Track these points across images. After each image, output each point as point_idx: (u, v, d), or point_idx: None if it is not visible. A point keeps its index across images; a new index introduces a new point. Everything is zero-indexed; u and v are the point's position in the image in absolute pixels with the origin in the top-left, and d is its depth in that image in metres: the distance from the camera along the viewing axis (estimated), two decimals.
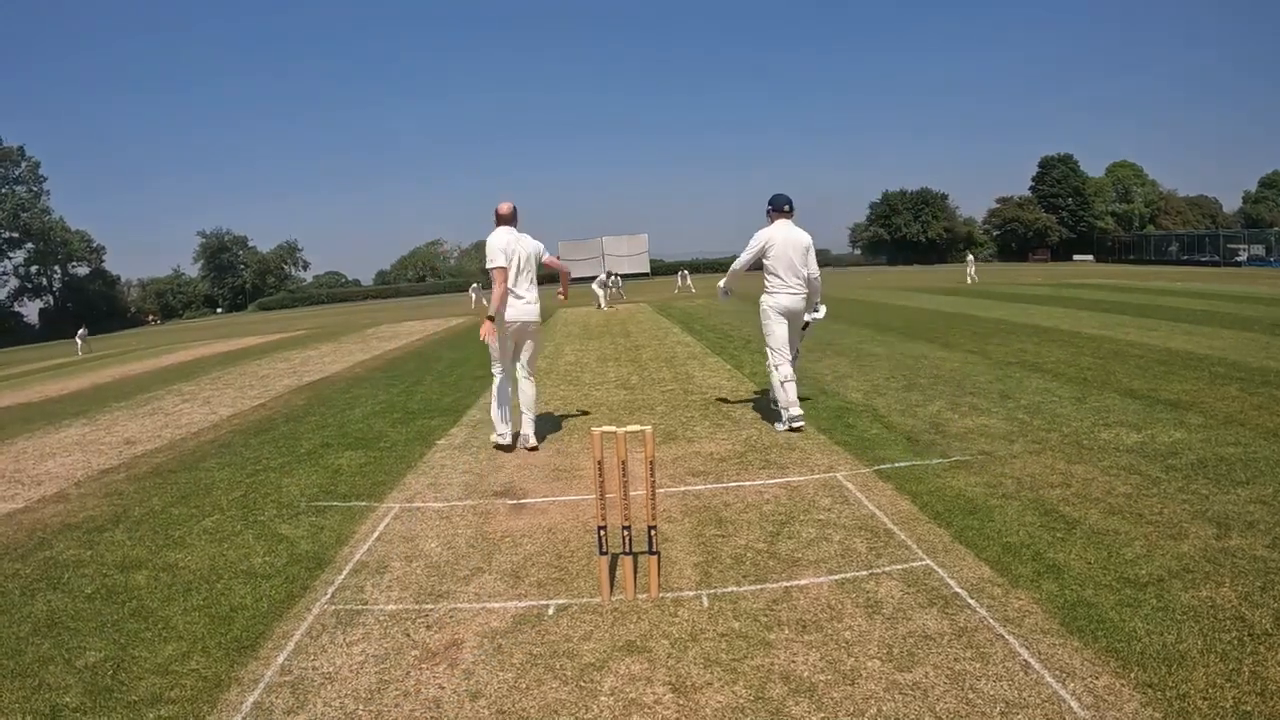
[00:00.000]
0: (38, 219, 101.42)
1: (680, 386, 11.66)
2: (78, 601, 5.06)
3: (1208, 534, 5.03)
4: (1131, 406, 8.74)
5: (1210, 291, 29.22)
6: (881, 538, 5.28)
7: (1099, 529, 5.21)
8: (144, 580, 5.32)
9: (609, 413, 9.96)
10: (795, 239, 8.64)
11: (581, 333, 22.10)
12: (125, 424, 12.20)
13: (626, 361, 15.04)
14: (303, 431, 10.09)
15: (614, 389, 11.84)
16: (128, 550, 5.98)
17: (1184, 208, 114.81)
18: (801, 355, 9.34)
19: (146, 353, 33.63)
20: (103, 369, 25.98)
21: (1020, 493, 6.02)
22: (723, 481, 6.76)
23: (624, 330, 22.01)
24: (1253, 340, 14.01)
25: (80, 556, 5.93)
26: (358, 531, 6.00)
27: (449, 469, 7.74)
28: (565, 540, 5.55)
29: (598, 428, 4.54)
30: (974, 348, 14.40)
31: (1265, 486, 5.89)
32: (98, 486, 8.17)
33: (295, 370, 18.36)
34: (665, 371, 13.35)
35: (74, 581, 5.42)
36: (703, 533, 5.54)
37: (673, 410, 9.90)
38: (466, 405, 11.19)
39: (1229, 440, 7.23)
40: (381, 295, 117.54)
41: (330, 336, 30.24)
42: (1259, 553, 4.70)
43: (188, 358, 26.78)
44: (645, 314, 28.75)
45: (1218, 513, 5.39)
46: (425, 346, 21.80)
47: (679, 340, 18.51)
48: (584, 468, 7.29)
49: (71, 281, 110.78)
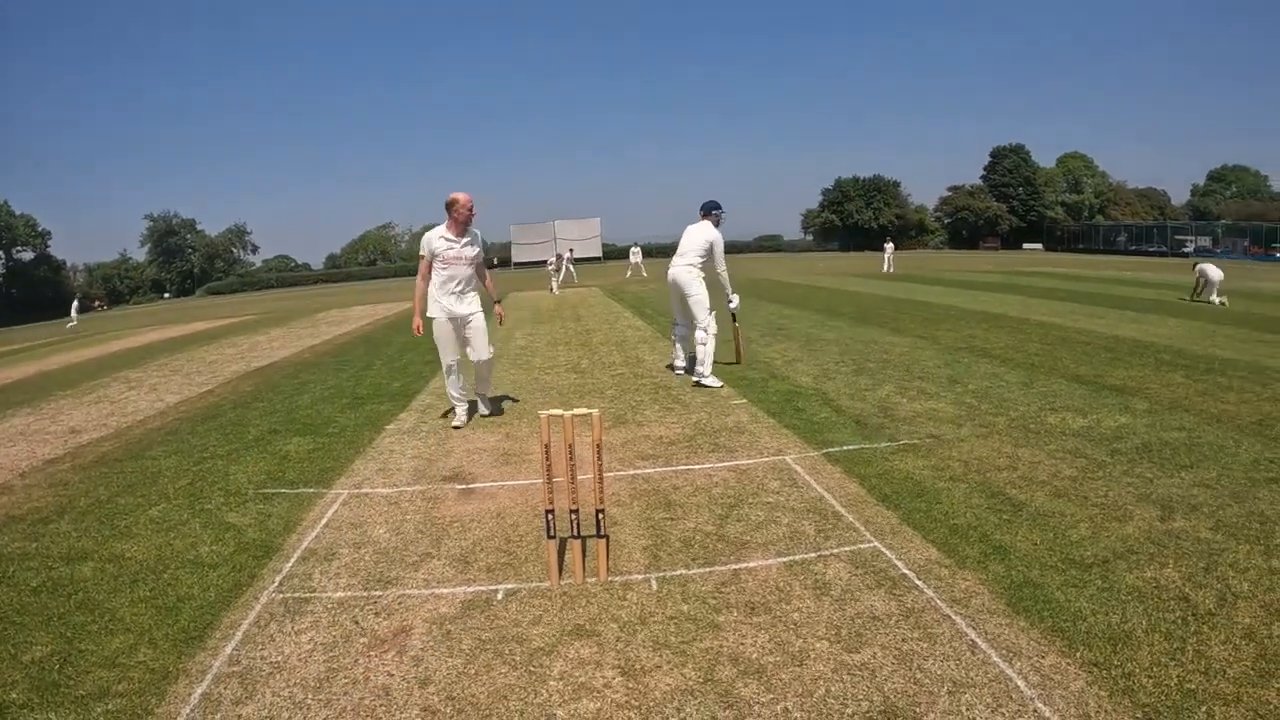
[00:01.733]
0: None
1: (630, 370, 11.69)
2: (23, 595, 4.98)
3: (1152, 516, 5.15)
4: (1078, 392, 8.89)
5: (1157, 281, 29.69)
6: (830, 520, 5.34)
7: (1045, 511, 5.31)
8: (90, 572, 5.25)
9: (559, 396, 9.97)
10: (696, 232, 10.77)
11: (532, 317, 22.04)
12: (70, 412, 12.00)
13: (577, 345, 15.03)
14: (250, 418, 9.98)
15: (564, 373, 11.84)
16: (73, 542, 5.89)
17: (1133, 199, 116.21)
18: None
19: (93, 339, 33.12)
20: (49, 356, 25.56)
21: (968, 475, 6.11)
22: (672, 465, 6.79)
23: (575, 314, 21.98)
24: (1198, 329, 14.31)
25: (25, 549, 5.84)
26: (305, 518, 5.96)
27: (398, 454, 7.70)
28: (514, 525, 5.55)
29: (545, 411, 4.54)
30: (924, 333, 14.57)
31: (1208, 470, 6.03)
32: (42, 477, 8.04)
33: (244, 356, 18.11)
34: (615, 355, 13.37)
35: (19, 575, 5.33)
36: (651, 516, 5.57)
37: (622, 394, 9.92)
38: (416, 390, 11.13)
39: (1173, 425, 7.39)
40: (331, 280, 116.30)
41: (279, 321, 29.90)
42: (1202, 534, 4.82)
43: (134, 344, 26.39)
44: (596, 298, 28.74)
45: (1162, 495, 5.52)
46: (375, 331, 21.62)
47: (630, 324, 18.54)
48: (533, 452, 7.29)
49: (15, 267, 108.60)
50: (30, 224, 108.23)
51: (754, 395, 9.27)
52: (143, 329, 36.19)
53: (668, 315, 19.89)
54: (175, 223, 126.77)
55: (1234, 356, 11.01)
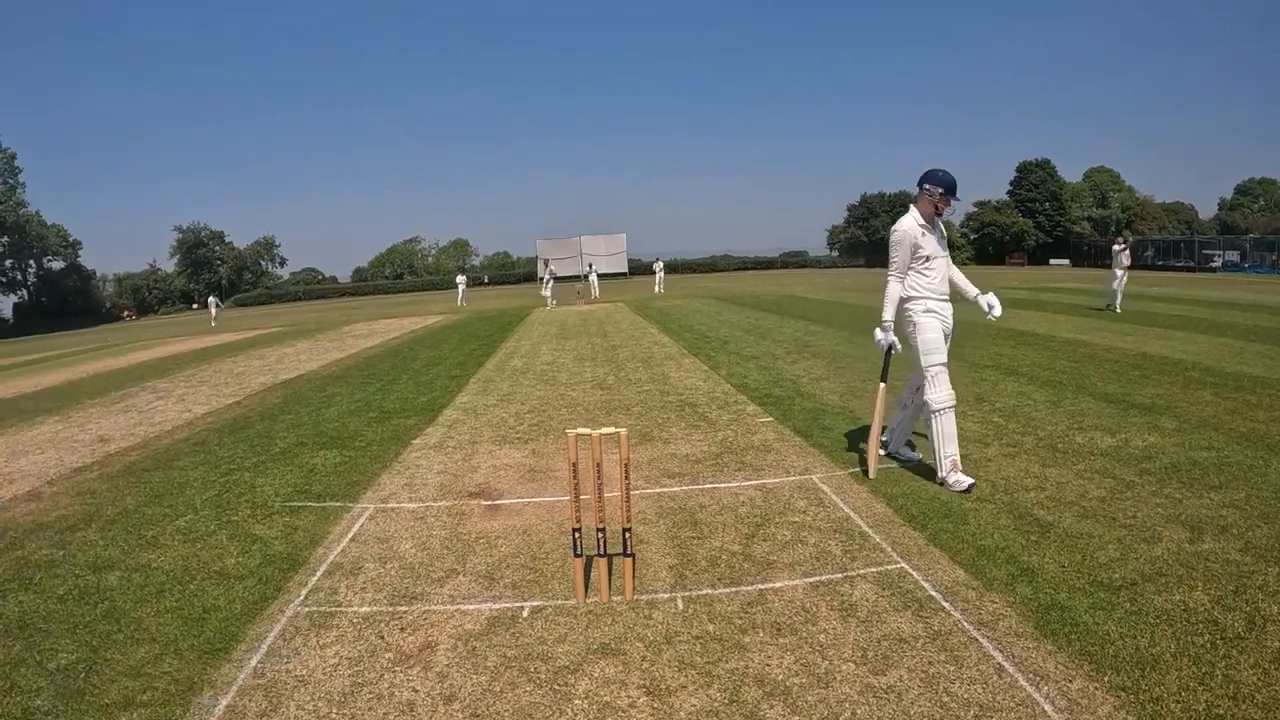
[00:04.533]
0: (13, 212, 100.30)
1: (656, 387, 11.65)
2: (49, 603, 5.03)
3: (1181, 538, 5.09)
4: (1106, 410, 8.80)
5: (1185, 296, 29.45)
6: (857, 540, 5.31)
7: (1073, 532, 5.25)
8: (116, 581, 5.29)
9: (585, 413, 9.95)
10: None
11: (559, 332, 22.06)
12: (99, 421, 12.11)
13: (603, 361, 15.02)
14: (277, 430, 10.04)
15: (590, 389, 11.83)
16: (100, 550, 5.94)
17: (1160, 214, 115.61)
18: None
19: (121, 348, 33.37)
20: (77, 365, 25.77)
21: (995, 496, 6.06)
22: (698, 483, 6.77)
23: (601, 330, 21.97)
24: (1226, 345, 14.13)
25: (52, 556, 5.89)
26: (332, 532, 5.98)
27: (424, 469, 7.71)
28: (540, 542, 5.54)
29: (573, 429, 4.54)
30: (950, 350, 14.32)
31: (1238, 490, 5.96)
32: (71, 485, 8.11)
33: (271, 368, 18.24)
34: (642, 372, 13.34)
35: (46, 582, 5.39)
36: (678, 535, 5.55)
37: (648, 411, 9.88)
38: (442, 405, 11.15)
39: (1202, 444, 7.30)
40: (358, 293, 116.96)
41: (306, 334, 30.05)
42: (1232, 556, 4.75)
43: (163, 354, 26.58)
44: (623, 314, 28.72)
45: (1191, 516, 5.45)
46: (402, 345, 21.68)
47: (656, 340, 18.51)
48: (559, 468, 7.30)
49: (47, 275, 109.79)
50: (61, 234, 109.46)
51: (780, 413, 9.22)
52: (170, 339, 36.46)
53: (694, 331, 20.09)
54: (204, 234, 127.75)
55: (1264, 374, 10.88)
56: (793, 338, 17.56)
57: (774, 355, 14.40)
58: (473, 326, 26.96)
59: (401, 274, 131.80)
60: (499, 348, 18.91)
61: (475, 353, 18.06)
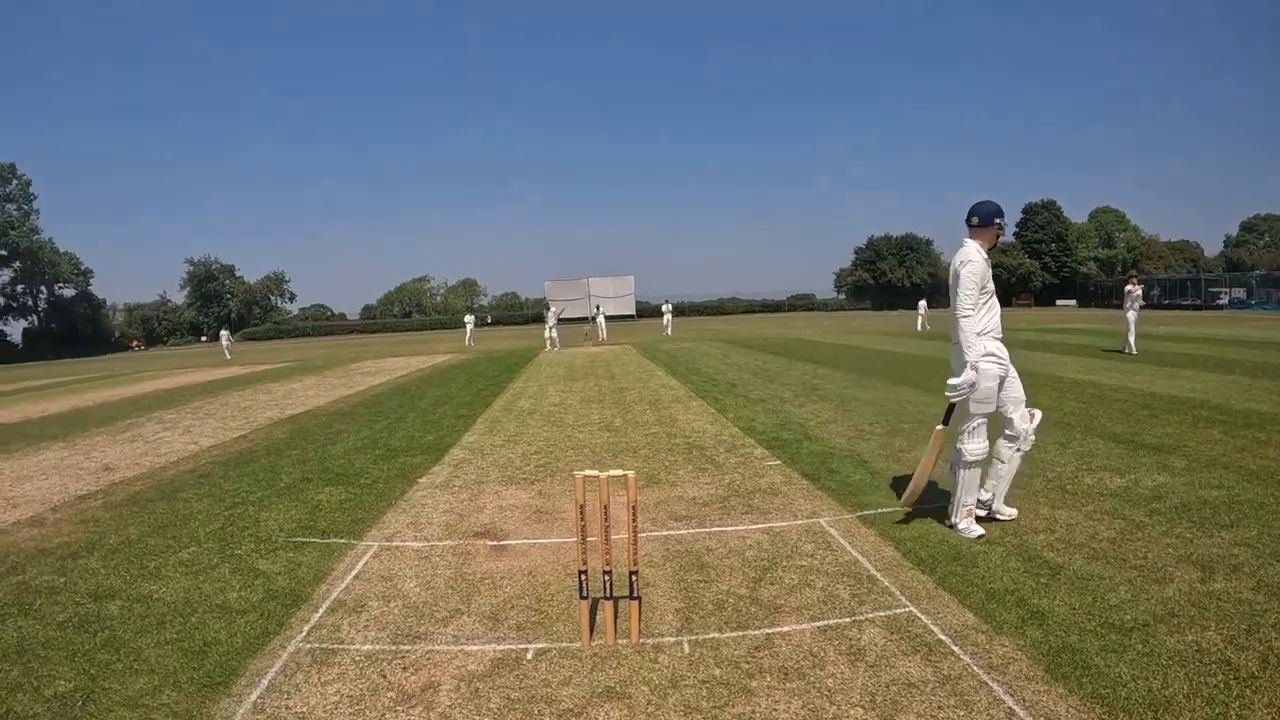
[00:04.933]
0: (26, 238, 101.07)
1: (664, 430, 11.60)
2: (49, 629, 5.01)
3: (1192, 577, 5.07)
4: (1115, 451, 8.78)
5: (1192, 335, 29.49)
6: (865, 584, 5.26)
7: (1083, 574, 5.22)
8: (117, 610, 5.26)
9: (592, 455, 9.90)
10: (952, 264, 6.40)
11: (566, 374, 22.04)
12: (104, 449, 12.12)
13: (610, 404, 14.98)
14: (283, 465, 10.02)
15: (597, 431, 11.79)
16: (102, 579, 5.92)
17: (1166, 252, 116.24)
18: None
19: (129, 377, 33.43)
20: (84, 392, 25.82)
21: (1004, 538, 6.03)
22: (705, 526, 6.71)
23: (609, 372, 21.95)
24: (1235, 383, 14.16)
25: (53, 583, 5.88)
26: (336, 569, 5.94)
27: (430, 508, 7.67)
28: (545, 583, 5.50)
29: (580, 471, 4.52)
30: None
31: (1249, 529, 5.96)
32: (74, 512, 8.12)
33: (278, 403, 18.27)
34: (649, 414, 13.29)
35: (45, 608, 5.37)
36: (684, 578, 5.50)
37: (656, 453, 9.83)
38: (449, 444, 11.11)
39: (1212, 483, 7.31)
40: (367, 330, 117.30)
41: (314, 370, 30.11)
42: (1244, 595, 4.73)
43: (170, 385, 26.63)
44: (630, 356, 28.72)
45: (1202, 556, 5.44)
46: (409, 383, 21.68)
47: (663, 383, 18.47)
48: (565, 510, 7.26)
49: (57, 302, 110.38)
50: (73, 261, 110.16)
51: (788, 457, 9.18)
52: (178, 370, 36.56)
53: (701, 374, 20.08)
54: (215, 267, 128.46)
55: (1273, 410, 10.89)
56: (800, 381, 17.52)
57: (781, 398, 14.37)
58: (480, 366, 26.99)
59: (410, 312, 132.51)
60: (506, 388, 18.91)
61: (483, 393, 18.06)
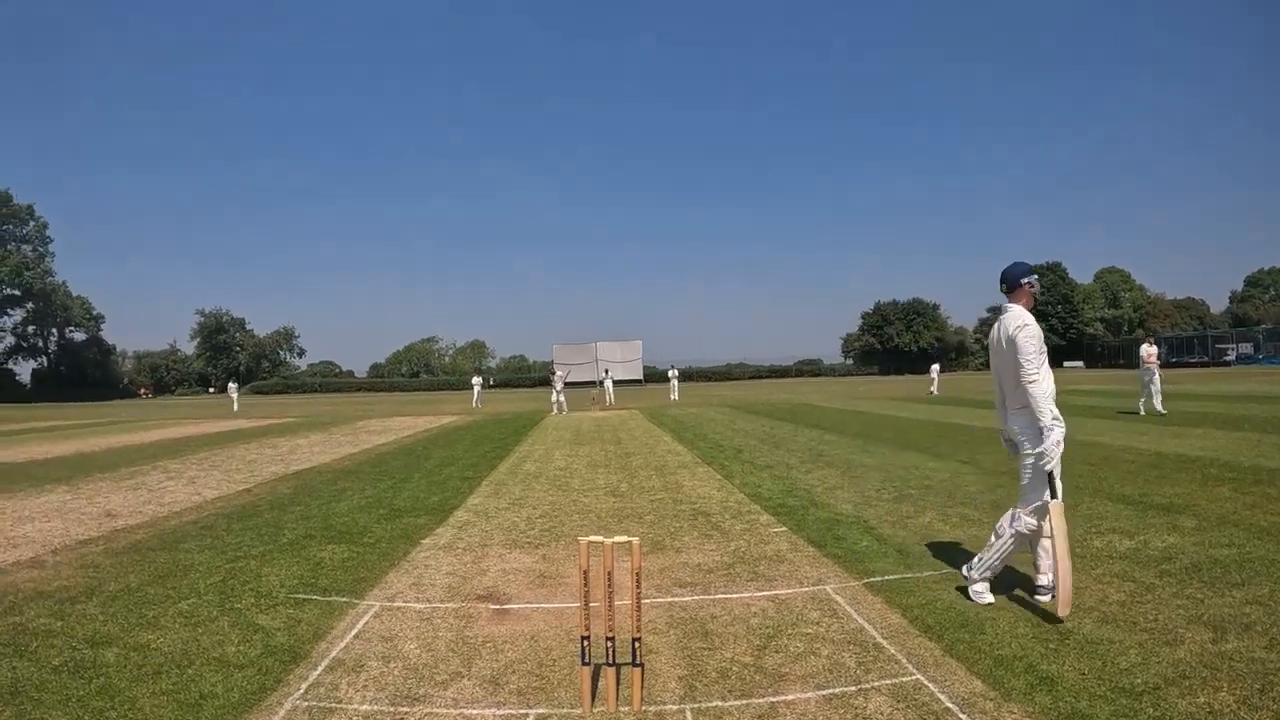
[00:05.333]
0: (40, 280, 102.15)
1: (669, 495, 11.54)
2: (44, 672, 4.98)
3: (1204, 638, 5.04)
4: (1124, 512, 8.77)
5: (1200, 393, 29.52)
6: (871, 652, 5.19)
7: (1093, 638, 5.18)
8: (114, 658, 5.22)
9: (597, 520, 9.84)
10: (998, 332, 6.34)
11: (573, 439, 21.99)
12: (108, 495, 12.12)
13: (616, 468, 14.91)
14: (286, 520, 9.99)
15: (603, 495, 11.73)
16: (99, 625, 5.89)
17: (1172, 310, 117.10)
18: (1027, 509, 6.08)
19: (135, 425, 33.50)
20: (90, 437, 25.87)
21: (1012, 604, 5.99)
22: (710, 593, 6.64)
23: (615, 437, 21.91)
24: (1244, 439, 14.24)
25: (50, 626, 5.86)
26: (336, 627, 5.88)
27: (432, 569, 7.61)
28: (548, 648, 5.43)
29: (585, 537, 4.49)
30: (965, 457, 14.46)
31: (1260, 587, 5.96)
32: (74, 556, 8.11)
33: (283, 458, 18.30)
34: (655, 480, 13.22)
35: (41, 651, 5.35)
36: (688, 645, 5.43)
37: (661, 519, 9.76)
38: (453, 505, 11.05)
39: (1223, 542, 7.34)
40: (374, 388, 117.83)
41: (320, 426, 30.16)
42: (1257, 654, 4.70)
43: (176, 435, 26.68)
44: (637, 421, 28.70)
45: (1213, 616, 5.42)
46: (415, 443, 21.66)
47: (670, 449, 18.42)
48: (569, 575, 7.20)
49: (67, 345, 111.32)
50: (85, 306, 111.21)
51: (794, 523, 9.12)
52: (184, 420, 36.65)
53: (708, 440, 20.04)
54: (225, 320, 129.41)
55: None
56: (807, 446, 17.51)
57: (788, 464, 14.34)
58: (487, 428, 26.98)
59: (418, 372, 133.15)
60: (512, 451, 18.88)
61: (488, 455, 18.02)
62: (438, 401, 59.51)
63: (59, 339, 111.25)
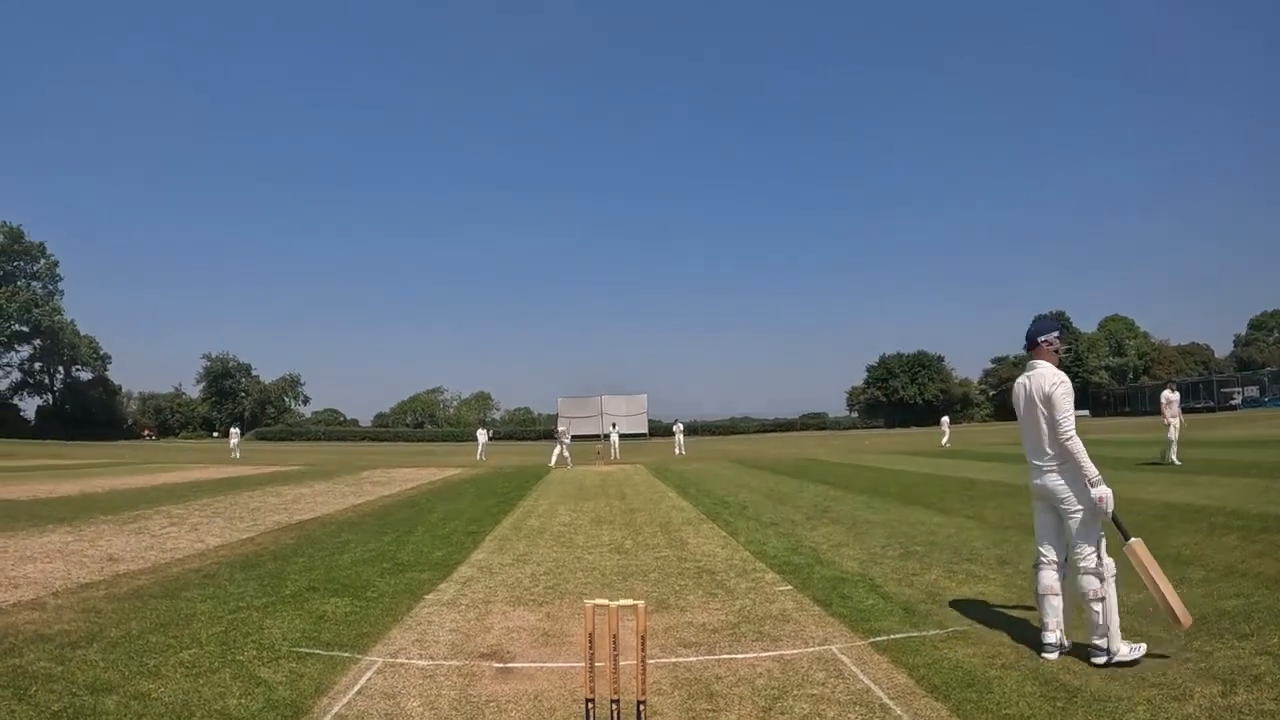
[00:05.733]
0: (48, 317, 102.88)
1: (674, 553, 11.47)
2: (43, 717, 4.96)
3: (1213, 692, 5.01)
4: (1130, 566, 8.69)
5: (1207, 439, 29.43)
6: (877, 713, 5.13)
7: (1101, 695, 5.15)
8: (113, 706, 5.18)
9: (601, 577, 9.78)
10: (1031, 388, 6.51)
11: (577, 493, 21.93)
12: (110, 539, 12.12)
13: (620, 525, 14.83)
14: (289, 571, 9.95)
15: (607, 553, 11.66)
16: (100, 672, 5.86)
17: (1176, 356, 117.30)
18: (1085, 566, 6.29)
19: (139, 467, 33.53)
20: (93, 477, 25.89)
21: (1020, 662, 5.95)
22: (714, 653, 6.58)
23: (619, 492, 21.84)
24: (1251, 485, 14.27)
25: (50, 670, 5.85)
26: (338, 683, 5.83)
27: (436, 625, 7.56)
28: (552, 709, 5.37)
29: (590, 600, 4.49)
30: (971, 512, 14.42)
31: (1269, 637, 5.98)
32: (75, 600, 8.09)
33: (287, 507, 18.28)
34: (659, 537, 13.13)
35: (40, 695, 5.33)
36: (693, 707, 5.36)
37: (665, 578, 9.69)
38: (457, 561, 10.99)
39: (1230, 593, 7.39)
40: (379, 438, 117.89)
41: (324, 475, 30.16)
42: (1266, 706, 4.69)
43: (179, 479, 26.70)
44: (641, 476, 28.64)
45: (1222, 669, 5.41)
46: (419, 496, 21.62)
47: (674, 504, 18.34)
48: (573, 633, 7.14)
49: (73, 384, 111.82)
50: (93, 345, 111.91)
51: (799, 581, 9.06)
52: (188, 465, 36.68)
53: (712, 496, 19.96)
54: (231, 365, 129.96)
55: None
56: (812, 503, 17.46)
57: (793, 521, 14.28)
58: (491, 482, 26.94)
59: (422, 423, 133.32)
60: (517, 505, 18.80)
61: (492, 509, 17.95)
62: (442, 453, 59.52)
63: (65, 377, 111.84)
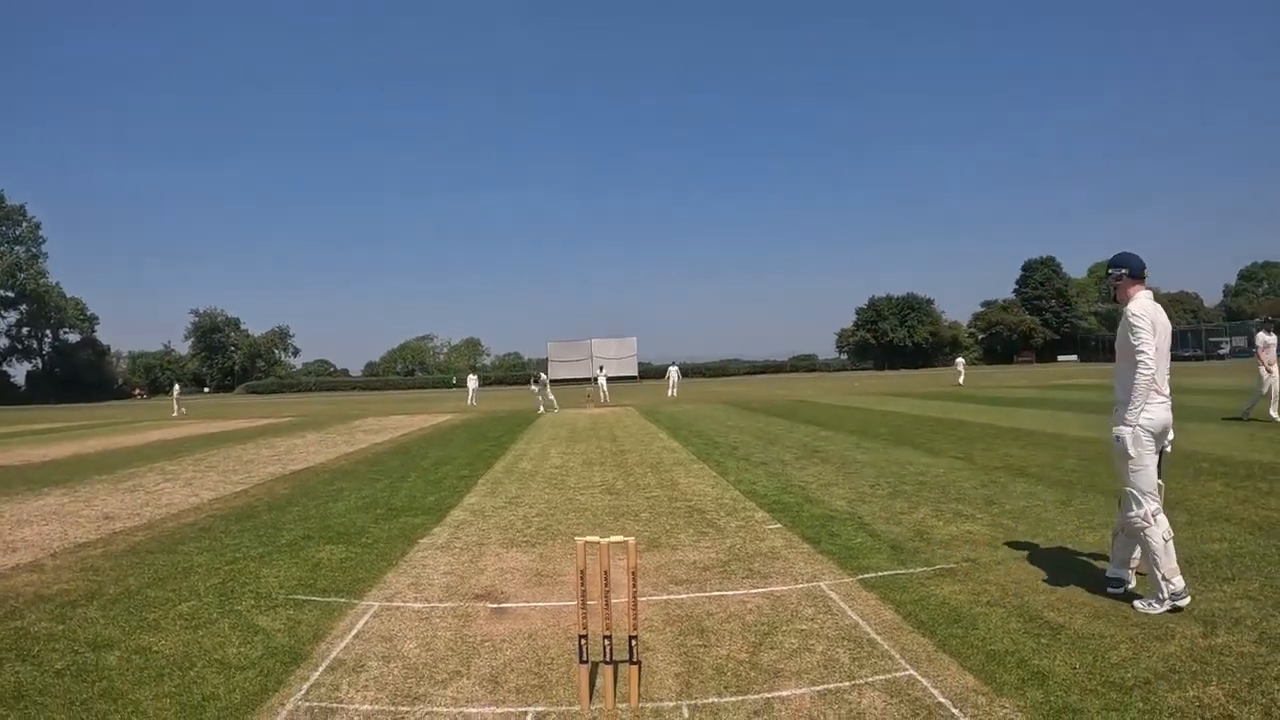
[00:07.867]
0: (33, 281, 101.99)
1: (665, 493, 11.57)
2: (46, 676, 5.01)
3: (1194, 633, 5.10)
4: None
5: (1194, 387, 29.58)
6: (865, 648, 5.23)
7: (1084, 633, 5.24)
8: (115, 661, 5.25)
9: (593, 518, 9.87)
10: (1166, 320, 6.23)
11: (568, 436, 22.01)
12: (105, 498, 12.14)
13: (612, 466, 14.94)
14: (284, 521, 10.03)
15: (598, 494, 11.76)
16: (100, 629, 5.92)
17: (1165, 304, 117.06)
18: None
19: (131, 426, 33.50)
20: (86, 439, 25.86)
21: (1005, 599, 6.02)
22: (705, 590, 6.68)
23: (610, 434, 21.91)
24: (1237, 433, 14.26)
25: (52, 630, 5.90)
26: (335, 628, 5.92)
27: (430, 569, 7.64)
28: (545, 647, 5.47)
29: (581, 537, 4.54)
30: (959, 453, 14.53)
31: (1251, 581, 6.04)
32: (74, 560, 8.14)
33: (280, 458, 18.34)
34: (650, 477, 13.25)
35: (44, 655, 5.38)
36: (684, 642, 5.47)
37: (656, 517, 9.80)
38: (450, 505, 11.08)
39: (1214, 536, 7.44)
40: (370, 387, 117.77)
41: (316, 425, 30.16)
42: (1246, 649, 4.76)
43: (172, 435, 26.67)
44: (632, 418, 28.71)
45: (1204, 611, 5.48)
46: (411, 442, 21.67)
47: (665, 445, 18.45)
48: (566, 573, 7.23)
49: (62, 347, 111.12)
50: (80, 307, 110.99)
51: (789, 520, 9.17)
52: (180, 421, 36.64)
53: (703, 437, 20.06)
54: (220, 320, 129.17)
55: (1275, 460, 11.07)
56: (802, 443, 17.58)
57: (783, 461, 14.41)
58: (483, 427, 27.01)
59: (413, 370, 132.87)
60: (508, 449, 18.90)
61: (484, 454, 18.04)
62: (433, 400, 59.47)
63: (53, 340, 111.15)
